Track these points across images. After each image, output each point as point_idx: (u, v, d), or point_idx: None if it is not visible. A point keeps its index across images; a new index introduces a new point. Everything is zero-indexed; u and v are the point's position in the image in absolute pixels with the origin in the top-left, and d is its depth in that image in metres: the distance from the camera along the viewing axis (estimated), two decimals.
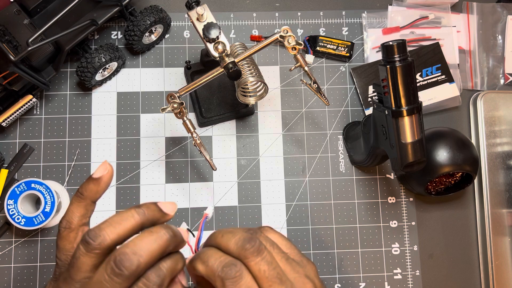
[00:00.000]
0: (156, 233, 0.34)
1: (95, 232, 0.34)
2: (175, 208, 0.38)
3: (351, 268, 0.66)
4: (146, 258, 0.33)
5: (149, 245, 0.34)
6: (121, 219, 0.35)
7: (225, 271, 0.34)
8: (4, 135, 0.66)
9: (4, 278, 0.62)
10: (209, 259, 0.35)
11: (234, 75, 0.54)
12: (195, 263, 0.36)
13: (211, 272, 0.35)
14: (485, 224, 0.66)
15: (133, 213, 0.35)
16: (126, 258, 0.33)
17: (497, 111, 0.68)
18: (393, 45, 0.50)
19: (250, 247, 0.35)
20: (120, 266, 0.32)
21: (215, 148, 0.67)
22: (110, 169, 0.39)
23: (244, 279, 0.34)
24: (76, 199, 0.38)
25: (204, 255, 0.36)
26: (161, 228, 0.35)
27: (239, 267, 0.35)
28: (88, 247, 0.33)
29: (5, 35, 0.56)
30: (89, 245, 0.33)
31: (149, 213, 0.36)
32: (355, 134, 0.65)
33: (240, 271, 0.34)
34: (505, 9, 0.73)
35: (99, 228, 0.34)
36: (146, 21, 0.63)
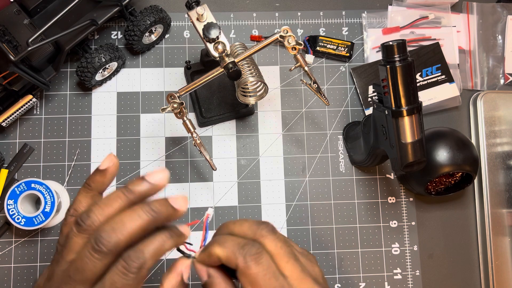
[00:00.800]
0: (137, 211, 0.35)
1: (86, 214, 0.35)
2: (185, 204, 0.38)
3: (351, 268, 0.66)
4: (125, 235, 0.34)
5: (128, 223, 0.34)
6: (108, 201, 0.36)
7: (246, 248, 0.35)
8: (4, 135, 0.66)
9: (4, 278, 0.63)
10: (227, 241, 0.36)
11: (234, 75, 0.54)
12: (212, 249, 0.36)
13: (231, 252, 0.35)
14: (485, 224, 0.66)
15: (119, 194, 0.37)
16: (105, 235, 0.33)
17: (497, 111, 0.68)
18: (393, 45, 0.50)
19: (265, 227, 0.37)
20: (98, 243, 0.33)
21: (215, 148, 0.67)
22: (115, 161, 0.40)
23: (265, 256, 0.35)
24: (83, 190, 0.40)
25: (221, 239, 0.37)
26: (141, 207, 0.35)
27: (259, 245, 0.36)
28: (79, 228, 0.35)
29: (5, 35, 0.56)
30: (80, 226, 0.35)
31: (138, 194, 0.37)
32: (355, 134, 0.65)
33: (260, 249, 0.36)
34: (505, 9, 0.73)
35: (89, 210, 0.36)
36: (146, 21, 0.63)
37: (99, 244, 0.33)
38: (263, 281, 0.34)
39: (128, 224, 0.34)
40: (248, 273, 0.35)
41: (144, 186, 0.37)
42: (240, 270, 0.35)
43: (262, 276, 0.35)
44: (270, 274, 0.35)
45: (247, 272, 0.35)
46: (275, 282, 0.35)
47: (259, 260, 0.35)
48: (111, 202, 0.36)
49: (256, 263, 0.35)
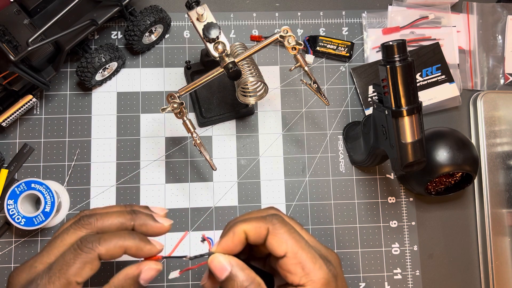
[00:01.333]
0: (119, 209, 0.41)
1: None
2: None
3: (351, 268, 0.66)
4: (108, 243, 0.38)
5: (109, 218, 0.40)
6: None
7: (269, 217, 0.39)
8: (4, 135, 0.66)
9: (4, 278, 0.62)
10: (249, 217, 0.40)
11: (234, 75, 0.54)
12: (237, 228, 0.39)
13: (257, 223, 0.39)
14: (485, 224, 0.66)
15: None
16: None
17: (497, 111, 0.68)
18: (393, 45, 0.50)
19: (271, 208, 0.42)
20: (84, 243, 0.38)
21: (215, 148, 0.67)
22: (168, 226, 0.42)
23: (287, 220, 0.40)
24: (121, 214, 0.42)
25: (242, 217, 0.40)
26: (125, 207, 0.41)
27: (277, 214, 0.40)
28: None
29: (5, 35, 0.56)
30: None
31: None
32: (355, 134, 0.65)
33: (281, 216, 0.40)
34: (505, 9, 0.73)
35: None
36: (146, 21, 0.63)
37: (84, 243, 0.37)
38: (293, 237, 0.38)
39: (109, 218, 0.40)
40: (279, 232, 0.38)
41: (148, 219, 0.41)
42: (272, 232, 0.38)
43: (291, 233, 0.39)
44: (296, 232, 0.39)
45: (279, 232, 0.38)
46: (303, 239, 0.39)
47: (284, 221, 0.39)
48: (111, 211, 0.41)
49: (283, 224, 0.39)
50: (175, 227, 0.65)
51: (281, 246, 0.38)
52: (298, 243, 0.38)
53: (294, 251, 0.37)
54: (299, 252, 0.38)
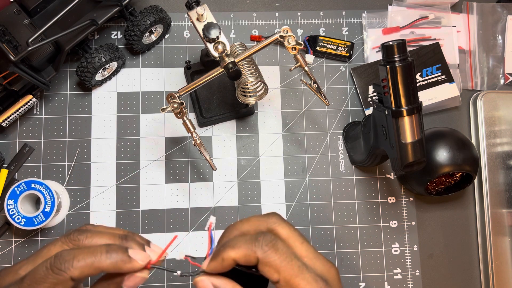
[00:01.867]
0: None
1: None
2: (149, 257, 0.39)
3: (351, 268, 0.66)
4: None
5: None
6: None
7: (260, 240, 0.36)
8: (4, 135, 0.66)
9: None
10: (238, 241, 0.37)
11: (234, 75, 0.54)
12: (225, 253, 0.37)
13: (247, 249, 0.36)
14: (485, 224, 0.66)
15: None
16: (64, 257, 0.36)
17: (497, 111, 0.68)
18: (393, 45, 0.50)
19: (273, 216, 0.39)
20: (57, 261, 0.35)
21: (215, 148, 0.67)
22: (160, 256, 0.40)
23: (280, 242, 0.37)
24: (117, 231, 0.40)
25: (232, 242, 0.37)
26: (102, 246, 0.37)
27: (270, 234, 0.37)
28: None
29: (5, 35, 0.56)
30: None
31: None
32: (355, 134, 0.65)
33: (273, 236, 0.37)
34: (505, 9, 0.73)
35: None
36: (146, 21, 0.63)
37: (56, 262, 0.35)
38: (286, 264, 0.36)
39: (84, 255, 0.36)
40: (270, 261, 0.36)
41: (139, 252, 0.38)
42: (262, 261, 0.36)
43: (284, 260, 0.36)
44: (290, 256, 0.37)
45: (269, 261, 0.36)
46: (297, 262, 0.36)
47: (276, 246, 0.36)
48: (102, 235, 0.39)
49: (275, 250, 0.36)
50: (175, 227, 0.65)
51: (273, 275, 0.36)
52: (291, 270, 0.36)
53: (286, 279, 0.36)
54: (291, 280, 0.36)
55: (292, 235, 0.38)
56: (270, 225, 0.39)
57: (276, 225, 0.38)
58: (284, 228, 0.38)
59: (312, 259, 0.38)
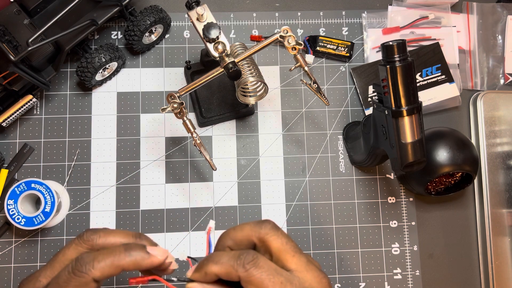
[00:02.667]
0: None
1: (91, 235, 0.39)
2: (162, 255, 0.39)
3: (351, 268, 0.66)
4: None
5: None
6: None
7: (242, 258, 0.36)
8: (4, 135, 0.66)
9: (4, 278, 0.62)
10: (222, 257, 0.37)
11: (234, 75, 0.54)
12: (208, 268, 0.37)
13: (229, 266, 0.36)
14: (485, 224, 0.66)
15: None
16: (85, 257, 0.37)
17: (497, 111, 0.68)
18: (393, 45, 0.50)
19: (268, 224, 0.38)
20: (77, 263, 0.36)
21: (215, 148, 0.67)
22: (162, 259, 0.40)
23: (262, 259, 0.36)
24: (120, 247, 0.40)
25: (215, 256, 0.37)
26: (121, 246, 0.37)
27: (252, 251, 0.37)
28: None
29: (5, 35, 0.56)
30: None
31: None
32: (355, 134, 0.65)
33: (256, 254, 0.36)
34: (505, 9, 0.73)
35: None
36: (146, 21, 0.63)
37: (77, 265, 0.36)
38: (268, 280, 0.35)
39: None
40: (251, 280, 0.36)
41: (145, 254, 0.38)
42: (244, 279, 0.36)
43: (266, 277, 0.35)
44: (273, 273, 0.36)
45: (251, 279, 0.36)
46: (279, 278, 0.36)
47: (258, 264, 0.36)
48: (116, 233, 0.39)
49: (256, 267, 0.36)
50: (175, 227, 0.65)
51: None
52: (273, 286, 0.35)
53: None
54: None
55: (284, 248, 0.38)
56: (262, 235, 0.38)
57: (269, 236, 0.38)
58: (276, 240, 0.38)
59: (302, 271, 0.38)
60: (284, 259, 0.38)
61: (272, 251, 0.38)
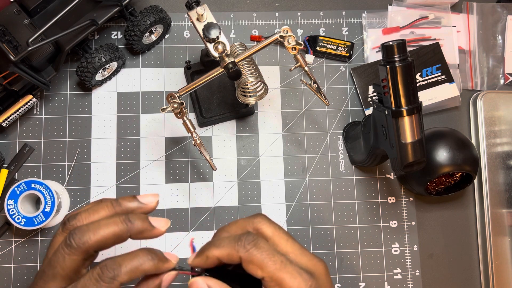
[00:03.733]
0: (113, 219, 0.38)
1: (73, 216, 0.39)
2: (165, 225, 0.40)
3: (351, 268, 0.66)
4: (97, 236, 0.36)
5: (104, 227, 0.37)
6: (97, 207, 0.39)
7: (243, 239, 0.37)
8: (4, 135, 0.66)
9: (4, 278, 0.63)
10: (222, 241, 0.38)
11: (234, 75, 0.54)
12: (209, 251, 0.38)
13: (230, 248, 0.37)
14: (485, 224, 0.66)
15: (107, 203, 0.39)
16: (78, 232, 0.37)
17: (497, 111, 0.68)
18: (393, 45, 0.50)
19: (258, 216, 0.40)
20: (70, 237, 0.36)
21: (215, 148, 0.67)
22: (155, 203, 0.42)
23: (262, 240, 0.38)
24: (110, 201, 0.41)
25: (216, 241, 0.39)
26: (119, 217, 0.38)
27: (252, 233, 0.38)
28: (63, 227, 0.39)
29: (5, 35, 0.56)
30: (64, 225, 0.39)
31: (123, 207, 0.40)
32: (355, 134, 0.65)
33: (256, 236, 0.38)
34: (505, 9, 0.73)
35: (76, 212, 0.39)
36: (146, 21, 0.63)
37: (70, 238, 0.36)
38: (268, 260, 0.37)
39: (102, 227, 0.37)
40: (253, 259, 0.37)
41: (133, 203, 0.40)
42: (245, 259, 0.37)
43: (266, 256, 0.37)
44: (273, 253, 0.37)
45: (252, 259, 0.37)
46: (280, 257, 0.37)
47: (258, 244, 0.37)
48: (98, 209, 0.39)
49: (257, 248, 0.37)
50: (175, 227, 0.65)
51: (257, 272, 0.37)
52: (274, 265, 0.37)
53: (270, 274, 0.37)
54: (275, 274, 0.37)
55: (277, 233, 0.40)
56: (255, 224, 0.40)
57: (261, 224, 0.40)
58: (269, 227, 0.40)
59: (298, 255, 0.39)
60: (279, 243, 0.39)
61: (267, 237, 0.39)
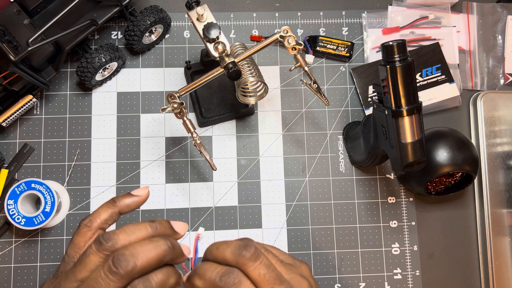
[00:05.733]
0: (156, 242, 0.36)
1: (109, 235, 0.36)
2: (186, 228, 0.40)
3: (351, 268, 0.66)
4: (142, 262, 0.34)
5: (147, 251, 0.35)
6: (135, 229, 0.37)
7: (224, 280, 0.35)
8: (4, 135, 0.66)
9: (4, 278, 0.63)
10: (206, 272, 0.37)
11: (234, 75, 0.54)
12: (193, 280, 0.37)
13: (210, 284, 0.36)
14: (485, 224, 0.66)
15: (146, 225, 0.37)
16: (124, 258, 0.34)
17: (497, 111, 0.68)
18: (393, 45, 0.50)
19: (247, 253, 0.36)
20: (116, 264, 0.34)
21: (215, 148, 0.67)
22: (147, 194, 0.42)
23: (244, 284, 0.35)
24: (107, 205, 0.40)
25: (201, 269, 0.37)
26: (161, 239, 0.36)
27: (237, 273, 0.36)
28: (100, 247, 0.35)
29: (5, 35, 0.56)
30: (101, 245, 0.35)
31: (161, 229, 0.38)
32: (355, 134, 0.65)
33: (239, 277, 0.36)
34: (505, 9, 0.73)
35: (113, 232, 0.36)
36: (146, 21, 0.63)
37: (117, 265, 0.34)
38: None
39: (148, 251, 0.35)
40: None
41: (168, 230, 0.39)
42: None
43: None
44: None
45: None
46: None
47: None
48: (136, 231, 0.37)
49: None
50: None
51: None
52: None
53: None
54: None
55: (263, 279, 0.36)
56: (242, 264, 0.37)
57: (247, 266, 0.36)
58: (255, 270, 0.36)
59: (278, 264, 0.38)
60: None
61: (252, 280, 0.36)
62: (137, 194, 0.41)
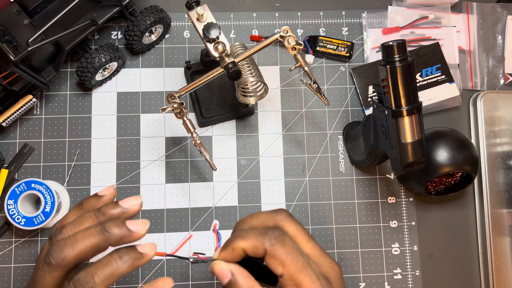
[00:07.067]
0: (90, 231, 0.37)
1: (59, 229, 0.38)
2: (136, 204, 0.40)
3: (351, 268, 0.66)
4: (75, 251, 0.36)
5: (81, 240, 0.36)
6: (81, 219, 0.39)
7: (269, 234, 0.38)
8: (4, 135, 0.66)
9: (4, 278, 0.63)
10: (248, 233, 0.39)
11: (234, 75, 0.54)
12: (235, 243, 0.39)
13: (256, 241, 0.38)
14: (485, 224, 0.66)
15: (90, 214, 0.39)
16: (56, 248, 0.36)
17: (497, 111, 0.68)
18: (393, 45, 0.50)
19: (282, 213, 0.41)
20: (49, 255, 0.36)
21: (215, 148, 0.67)
22: (114, 193, 0.42)
23: (287, 238, 0.39)
24: (75, 208, 0.42)
25: (242, 233, 0.39)
26: (95, 227, 0.37)
27: (279, 229, 0.39)
28: (50, 241, 0.38)
29: (5, 35, 0.56)
30: (51, 240, 0.38)
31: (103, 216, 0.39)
32: (355, 134, 0.65)
33: (282, 232, 0.39)
34: (505, 9, 0.73)
35: (63, 226, 0.38)
36: (146, 21, 0.63)
37: (49, 256, 0.36)
38: (291, 259, 0.38)
39: (80, 240, 0.36)
40: (276, 255, 0.38)
41: (117, 210, 0.39)
42: (269, 253, 0.38)
43: (290, 255, 0.38)
44: (296, 252, 0.38)
45: (275, 254, 0.38)
46: (302, 259, 0.38)
47: (284, 241, 0.38)
48: (82, 221, 0.38)
49: (282, 244, 0.38)
50: (175, 227, 0.65)
51: (278, 268, 0.38)
52: (295, 265, 0.37)
53: (290, 273, 0.37)
54: (295, 274, 0.38)
55: (299, 233, 0.40)
56: (277, 222, 0.40)
57: (283, 222, 0.40)
58: (291, 226, 0.40)
59: (317, 256, 0.40)
60: (300, 243, 0.40)
61: (289, 235, 0.39)
62: (101, 194, 0.42)
